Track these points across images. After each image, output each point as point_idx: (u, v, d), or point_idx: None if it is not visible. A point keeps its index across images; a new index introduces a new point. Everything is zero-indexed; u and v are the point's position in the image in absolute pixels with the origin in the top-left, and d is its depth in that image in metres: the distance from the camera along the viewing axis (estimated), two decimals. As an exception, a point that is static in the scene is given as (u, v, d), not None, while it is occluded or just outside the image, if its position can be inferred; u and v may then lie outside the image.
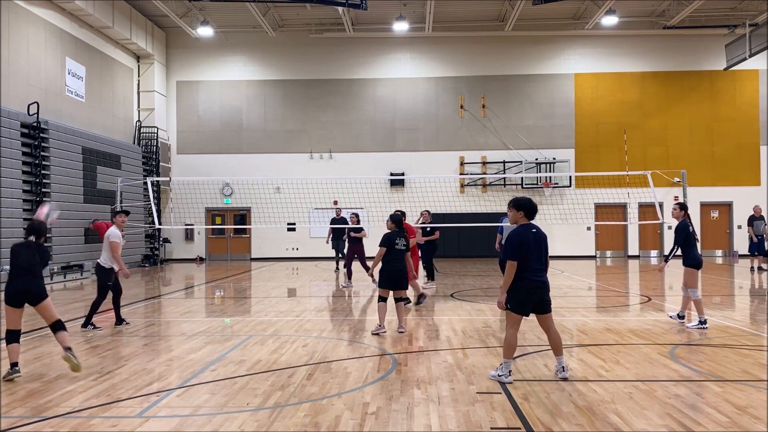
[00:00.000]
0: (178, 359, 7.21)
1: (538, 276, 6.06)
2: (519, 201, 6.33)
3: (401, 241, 8.58)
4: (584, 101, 25.88)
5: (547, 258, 6.23)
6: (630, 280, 17.39)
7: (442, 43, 26.04)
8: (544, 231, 6.32)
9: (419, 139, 26.01)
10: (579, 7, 24.45)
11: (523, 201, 6.31)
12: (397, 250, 8.52)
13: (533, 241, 6.07)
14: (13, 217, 16.25)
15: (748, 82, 25.65)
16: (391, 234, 8.64)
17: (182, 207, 24.28)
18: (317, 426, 4.82)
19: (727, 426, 4.74)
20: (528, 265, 6.01)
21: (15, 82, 17.29)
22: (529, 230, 6.13)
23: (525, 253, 6.01)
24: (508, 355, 6.06)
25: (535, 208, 6.30)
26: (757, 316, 10.25)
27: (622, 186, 21.62)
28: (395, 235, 8.61)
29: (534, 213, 6.28)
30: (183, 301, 13.05)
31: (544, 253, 6.17)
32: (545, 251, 6.20)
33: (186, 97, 26.42)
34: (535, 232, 6.13)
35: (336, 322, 9.89)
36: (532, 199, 6.49)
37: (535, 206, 6.31)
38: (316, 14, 24.82)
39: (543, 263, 6.15)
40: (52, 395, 5.74)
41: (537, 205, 6.39)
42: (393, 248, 8.53)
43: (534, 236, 6.10)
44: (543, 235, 6.23)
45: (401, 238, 8.61)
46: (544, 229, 6.52)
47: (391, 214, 8.97)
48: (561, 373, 6.09)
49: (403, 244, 8.57)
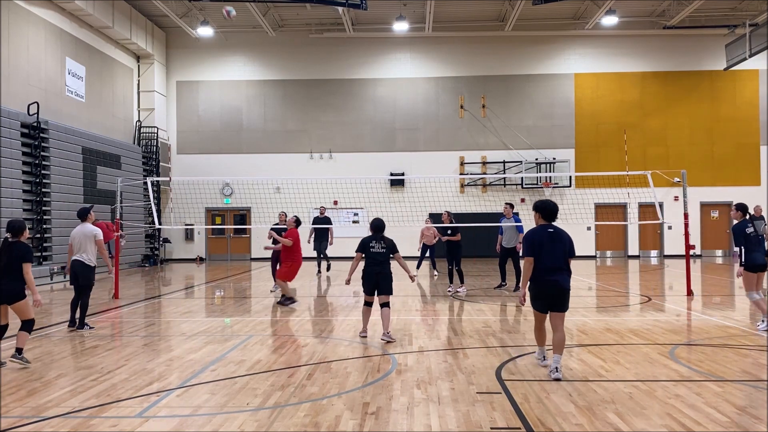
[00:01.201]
0: (178, 359, 7.21)
1: (551, 275, 6.24)
2: (535, 204, 6.70)
3: (378, 245, 8.31)
4: (584, 101, 25.88)
5: (567, 259, 6.36)
6: (630, 280, 17.39)
7: (442, 43, 26.04)
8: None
9: (419, 139, 26.01)
10: (579, 7, 24.45)
11: (537, 203, 6.64)
12: (373, 253, 8.28)
13: (547, 240, 6.30)
14: (14, 217, 16.23)
15: (748, 82, 25.65)
16: (366, 238, 8.43)
17: (182, 207, 24.27)
18: (317, 426, 4.82)
19: (727, 426, 4.74)
20: (541, 263, 6.26)
21: (15, 82, 17.29)
22: (545, 230, 6.39)
23: (537, 252, 6.29)
24: (539, 343, 6.78)
25: (554, 209, 6.52)
26: (757, 316, 10.24)
27: (622, 186, 21.60)
28: (370, 239, 8.37)
29: (552, 215, 6.48)
30: (183, 301, 13.05)
31: (561, 253, 6.30)
32: (566, 252, 6.34)
33: (186, 97, 26.43)
34: (551, 232, 6.36)
35: (336, 322, 9.90)
36: (551, 201, 6.71)
37: (552, 208, 6.52)
38: (316, 14, 24.82)
39: (560, 262, 6.29)
40: (52, 395, 5.74)
41: (557, 207, 6.62)
42: (368, 252, 8.32)
43: (549, 236, 6.32)
44: (563, 235, 6.40)
45: (378, 242, 8.34)
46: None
47: (373, 219, 8.61)
48: (554, 373, 6.11)
49: (381, 247, 8.30)
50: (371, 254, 8.30)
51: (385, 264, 8.29)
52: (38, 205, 17.40)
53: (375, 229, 8.44)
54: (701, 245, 25.57)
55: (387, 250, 8.33)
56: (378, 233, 8.42)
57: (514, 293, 13.08)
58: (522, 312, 10.48)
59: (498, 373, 6.40)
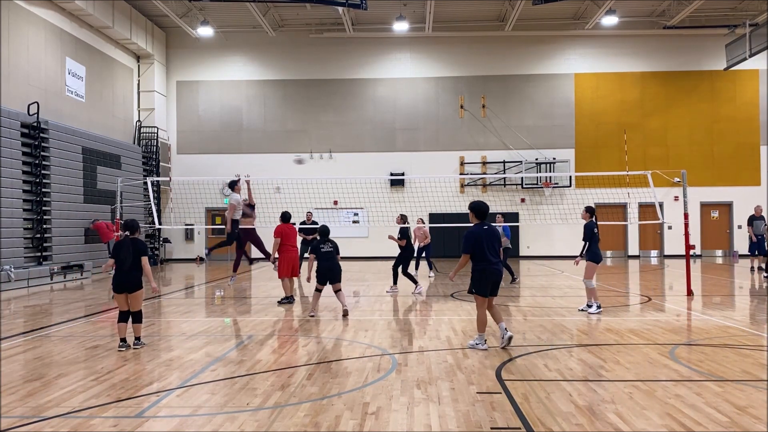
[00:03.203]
0: (178, 359, 7.21)
1: (494, 264, 7.48)
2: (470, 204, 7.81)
3: (326, 245, 10.30)
4: (584, 101, 25.88)
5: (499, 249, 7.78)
6: (630, 280, 17.39)
7: (442, 43, 26.04)
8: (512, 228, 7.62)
9: (419, 139, 26.01)
10: (579, 7, 24.45)
11: (472, 204, 7.75)
12: (323, 252, 10.25)
13: (484, 236, 7.44)
14: (13, 217, 16.25)
15: (748, 82, 25.66)
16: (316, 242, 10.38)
17: (182, 207, 24.27)
18: (317, 426, 4.82)
19: (727, 426, 4.74)
20: (484, 255, 7.42)
21: (15, 82, 17.29)
22: (482, 227, 7.52)
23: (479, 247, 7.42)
24: (481, 330, 7.60)
25: (485, 209, 7.63)
26: (757, 316, 10.24)
27: (622, 186, 21.60)
28: (319, 243, 10.33)
29: (483, 214, 7.60)
30: (183, 301, 13.05)
31: (497, 245, 7.60)
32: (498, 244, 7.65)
33: (186, 97, 26.43)
34: (486, 229, 7.50)
35: (336, 322, 9.89)
36: (484, 201, 7.84)
37: (483, 207, 7.64)
38: (316, 14, 24.82)
39: (497, 254, 7.58)
40: (52, 395, 5.74)
41: (488, 207, 7.73)
42: (319, 252, 10.28)
43: (485, 232, 7.46)
44: (495, 230, 7.65)
45: (325, 244, 10.29)
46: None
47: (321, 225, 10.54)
48: (505, 333, 7.43)
49: (330, 247, 10.30)
50: (322, 254, 10.25)
51: (330, 260, 10.24)
52: (38, 205, 17.39)
53: (322, 235, 10.36)
54: (701, 245, 25.57)
55: (334, 250, 10.34)
56: (324, 237, 10.35)
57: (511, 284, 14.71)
58: (522, 312, 10.48)
59: (498, 373, 6.39)
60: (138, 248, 7.81)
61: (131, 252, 7.75)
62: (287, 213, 12.42)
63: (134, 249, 7.78)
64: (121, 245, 7.83)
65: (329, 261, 10.25)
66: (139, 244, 7.86)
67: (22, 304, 12.71)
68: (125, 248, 7.77)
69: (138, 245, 7.85)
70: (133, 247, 7.79)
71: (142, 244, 7.92)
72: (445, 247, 23.34)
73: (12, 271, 15.30)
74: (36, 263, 17.21)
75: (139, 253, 7.78)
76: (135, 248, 7.79)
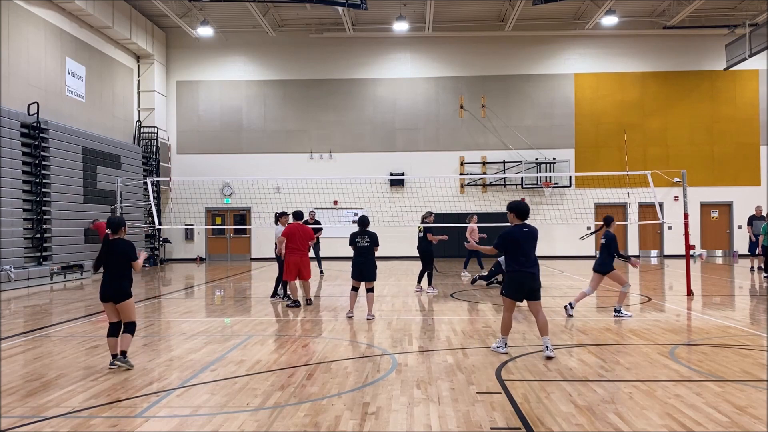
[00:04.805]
0: (178, 359, 7.21)
1: (527, 267, 7.07)
2: (509, 204, 7.42)
3: (363, 239, 9.93)
4: (584, 101, 25.88)
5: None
6: (630, 280, 17.36)
7: (442, 43, 26.04)
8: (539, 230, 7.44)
9: (419, 139, 26.01)
10: (579, 7, 24.45)
11: (511, 204, 7.38)
12: (359, 246, 9.91)
13: (521, 238, 7.08)
14: (13, 217, 16.25)
15: (748, 82, 25.65)
16: (353, 234, 10.07)
17: (182, 207, 24.29)
18: (317, 426, 4.82)
19: (727, 426, 4.74)
20: (517, 258, 7.07)
21: (15, 82, 17.29)
22: (521, 229, 7.15)
23: (513, 248, 7.08)
24: (505, 333, 7.31)
25: (526, 209, 7.25)
26: (757, 316, 10.24)
27: (622, 186, 21.62)
28: (356, 235, 10.01)
29: (524, 214, 7.22)
30: (183, 301, 13.05)
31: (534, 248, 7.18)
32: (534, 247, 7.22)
33: (186, 97, 26.43)
34: (526, 231, 7.13)
35: (336, 321, 9.89)
36: (524, 201, 7.53)
37: (524, 208, 7.26)
38: (316, 14, 24.82)
39: (533, 257, 7.15)
40: (52, 395, 5.73)
41: (528, 208, 7.36)
42: (355, 245, 9.96)
43: (524, 235, 7.10)
44: (534, 232, 7.24)
45: (362, 237, 9.95)
46: (544, 228, 6.79)
47: (360, 216, 10.33)
48: (545, 351, 6.97)
49: (366, 241, 9.90)
50: (357, 248, 9.91)
51: (366, 255, 9.93)
52: (38, 205, 17.39)
53: (360, 224, 9.99)
54: (701, 245, 25.57)
55: (370, 244, 9.92)
56: (362, 228, 9.95)
57: None
58: (522, 312, 10.48)
59: (498, 373, 6.39)
60: (120, 251, 6.64)
61: (114, 256, 6.63)
62: (299, 212, 12.09)
63: (117, 252, 6.62)
64: (102, 247, 6.74)
65: (362, 257, 9.90)
66: (120, 246, 6.69)
67: (22, 304, 12.71)
68: (103, 252, 6.70)
69: (120, 247, 6.67)
70: (117, 249, 6.65)
71: (124, 245, 6.72)
72: (445, 247, 23.30)
73: (12, 271, 15.30)
74: (36, 263, 17.21)
75: (124, 256, 6.64)
76: (119, 251, 6.64)
